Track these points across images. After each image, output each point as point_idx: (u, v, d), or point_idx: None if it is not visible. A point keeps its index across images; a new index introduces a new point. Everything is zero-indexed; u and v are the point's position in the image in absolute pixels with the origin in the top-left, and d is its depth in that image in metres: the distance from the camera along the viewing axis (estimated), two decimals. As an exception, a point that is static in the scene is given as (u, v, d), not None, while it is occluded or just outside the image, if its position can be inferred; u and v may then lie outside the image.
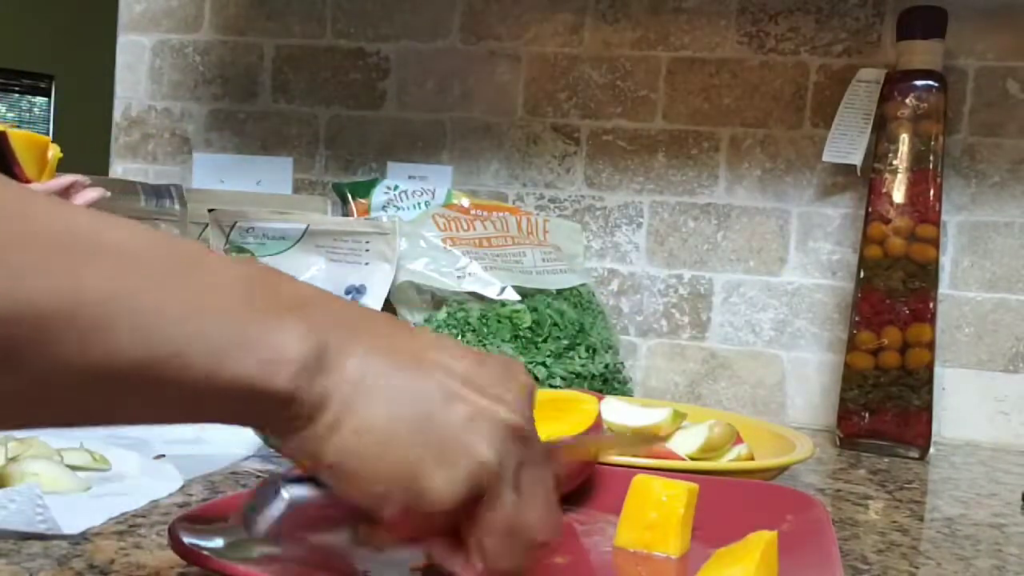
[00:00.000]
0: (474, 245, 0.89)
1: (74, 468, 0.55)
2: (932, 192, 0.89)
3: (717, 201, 1.04)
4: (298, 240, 0.88)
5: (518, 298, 0.86)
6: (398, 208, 1.00)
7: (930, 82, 0.89)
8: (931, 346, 0.88)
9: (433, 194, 1.01)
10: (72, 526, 0.46)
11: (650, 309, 1.06)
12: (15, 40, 4.56)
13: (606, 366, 0.87)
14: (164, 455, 0.63)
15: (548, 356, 0.83)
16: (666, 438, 0.64)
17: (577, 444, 0.52)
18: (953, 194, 0.98)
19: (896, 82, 0.91)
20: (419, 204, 1.00)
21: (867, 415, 0.90)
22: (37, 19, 4.60)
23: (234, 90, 1.16)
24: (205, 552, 0.38)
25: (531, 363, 0.82)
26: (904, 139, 0.90)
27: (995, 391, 0.98)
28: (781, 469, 0.66)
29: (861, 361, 0.90)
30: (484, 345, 0.81)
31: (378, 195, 1.01)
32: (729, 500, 0.53)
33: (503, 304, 0.85)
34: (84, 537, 0.46)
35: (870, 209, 0.91)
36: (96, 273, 0.29)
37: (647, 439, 0.62)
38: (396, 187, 1.02)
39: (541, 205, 1.08)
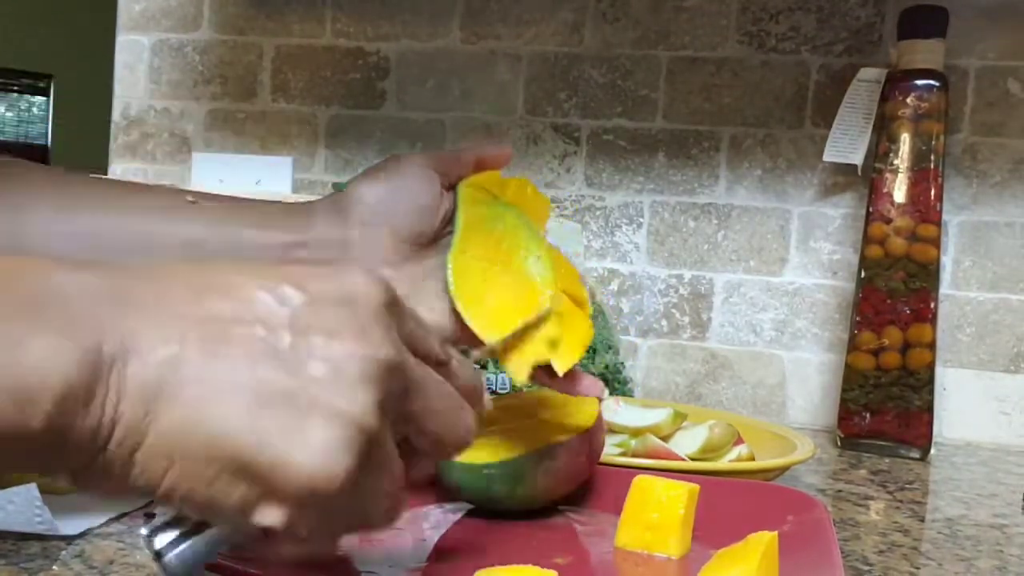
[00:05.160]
0: (474, 245, 0.89)
1: (73, 468, 0.55)
2: (933, 192, 0.89)
3: (717, 201, 1.04)
4: (298, 240, 0.88)
5: (518, 298, 0.85)
6: (398, 208, 0.99)
7: (931, 81, 0.89)
8: (932, 346, 0.88)
9: (433, 194, 1.01)
10: (71, 527, 0.46)
11: (650, 309, 1.05)
12: (14, 40, 4.56)
13: (606, 366, 0.87)
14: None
15: (548, 356, 0.83)
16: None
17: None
18: (954, 194, 0.98)
19: (897, 81, 0.91)
20: (419, 204, 1.00)
21: (868, 415, 0.90)
22: (36, 18, 4.59)
23: (233, 89, 1.16)
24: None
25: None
26: (905, 139, 0.90)
27: (996, 391, 0.98)
28: (782, 470, 0.66)
29: (862, 361, 0.90)
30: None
31: (378, 195, 1.00)
32: (730, 501, 0.52)
33: (503, 304, 0.85)
34: (83, 538, 0.46)
35: (871, 209, 0.91)
36: None
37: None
38: (396, 187, 1.01)
39: (541, 205, 1.08)
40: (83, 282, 0.28)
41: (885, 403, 0.89)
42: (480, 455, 0.52)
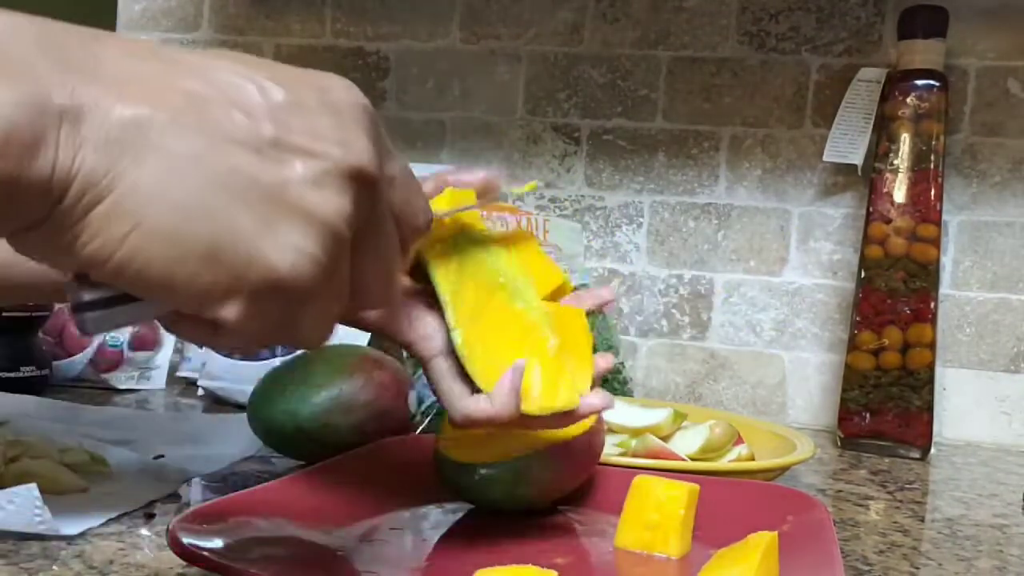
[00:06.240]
0: (474, 245, 0.89)
1: (73, 468, 0.55)
2: (933, 192, 0.89)
3: (717, 201, 1.04)
4: (298, 240, 0.88)
5: (518, 298, 0.85)
6: (398, 208, 0.99)
7: (931, 81, 0.89)
8: (932, 346, 0.88)
9: (433, 194, 1.01)
10: (71, 527, 0.46)
11: (650, 309, 1.05)
12: (15, 40, 4.56)
13: (606, 366, 0.87)
14: (163, 455, 0.63)
15: (548, 356, 0.83)
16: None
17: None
18: (954, 194, 0.98)
19: (897, 81, 0.91)
20: (419, 204, 1.00)
21: (868, 415, 0.90)
22: (37, 19, 4.59)
23: (234, 89, 1.15)
24: (205, 552, 0.38)
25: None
26: (905, 139, 0.90)
27: (996, 391, 0.98)
28: (782, 470, 0.66)
29: (862, 361, 0.90)
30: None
31: (378, 195, 1.00)
32: (730, 501, 0.52)
33: (503, 304, 0.85)
34: (83, 538, 0.46)
35: (871, 209, 0.91)
36: None
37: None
38: (396, 187, 1.01)
39: (541, 205, 1.08)
40: (18, 28, 0.26)
41: (885, 403, 0.89)
42: (480, 456, 0.52)
